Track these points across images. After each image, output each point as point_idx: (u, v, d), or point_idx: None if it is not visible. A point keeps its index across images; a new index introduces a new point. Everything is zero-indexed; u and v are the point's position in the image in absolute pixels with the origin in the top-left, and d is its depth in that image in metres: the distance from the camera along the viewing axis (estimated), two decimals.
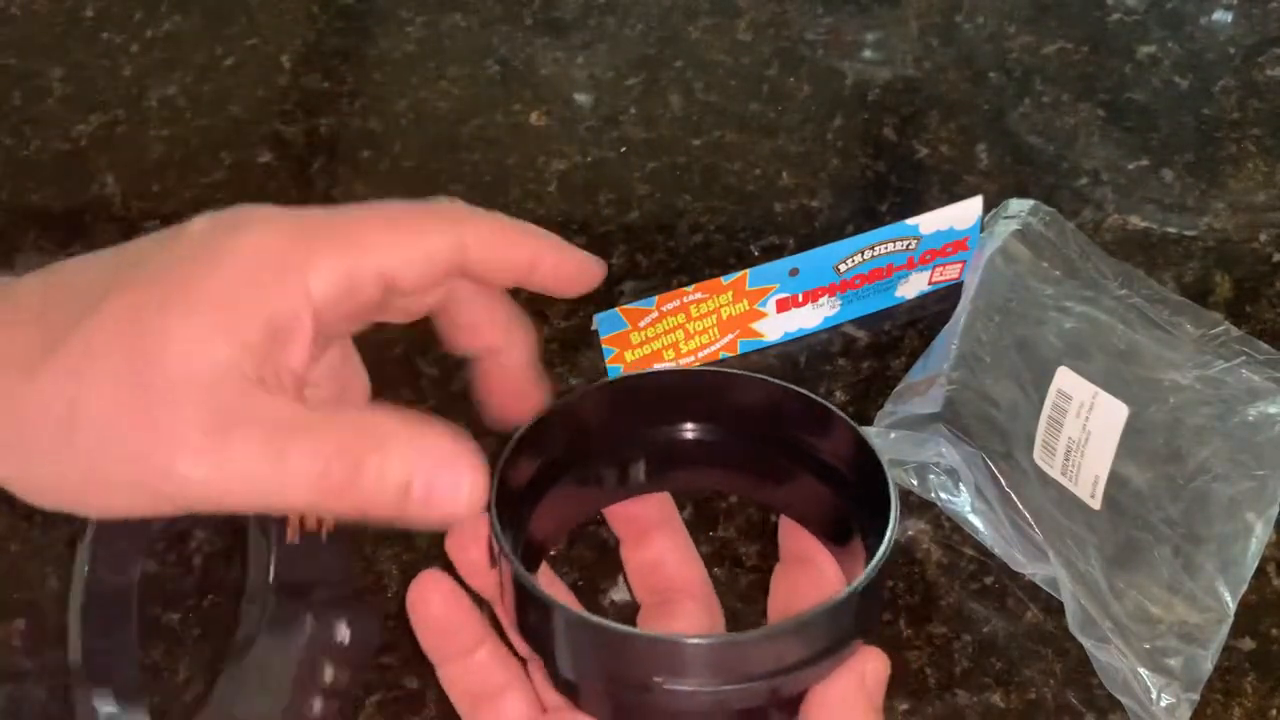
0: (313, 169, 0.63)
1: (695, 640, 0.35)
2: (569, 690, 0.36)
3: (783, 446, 0.42)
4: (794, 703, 0.36)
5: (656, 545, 0.42)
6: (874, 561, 0.36)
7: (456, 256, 0.36)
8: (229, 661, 0.37)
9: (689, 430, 0.42)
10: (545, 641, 0.35)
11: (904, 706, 0.45)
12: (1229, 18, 0.65)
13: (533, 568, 0.40)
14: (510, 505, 0.37)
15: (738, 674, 0.34)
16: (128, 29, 0.69)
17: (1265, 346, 0.48)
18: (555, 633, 0.35)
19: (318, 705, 0.36)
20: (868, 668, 0.36)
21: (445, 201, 0.38)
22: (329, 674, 0.35)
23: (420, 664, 0.46)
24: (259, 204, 0.36)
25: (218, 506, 0.33)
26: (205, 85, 0.66)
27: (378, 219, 0.36)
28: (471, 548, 0.37)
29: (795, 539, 0.42)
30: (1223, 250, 0.56)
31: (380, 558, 0.49)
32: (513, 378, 0.40)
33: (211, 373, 0.32)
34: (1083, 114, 0.62)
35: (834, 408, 0.40)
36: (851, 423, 0.40)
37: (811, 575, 0.41)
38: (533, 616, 0.35)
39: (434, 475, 0.32)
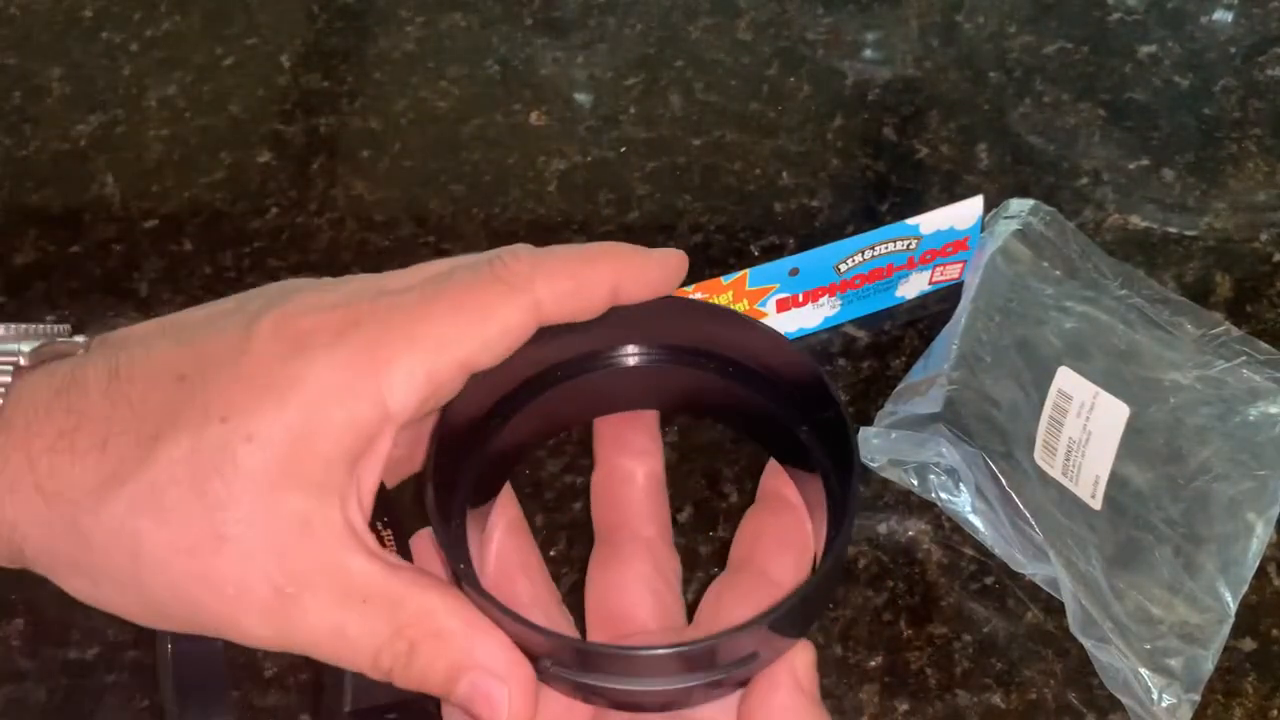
0: (312, 169, 0.63)
1: (590, 648, 0.36)
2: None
3: (738, 371, 0.41)
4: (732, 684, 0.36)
5: (623, 468, 0.42)
6: (818, 570, 0.36)
7: (533, 320, 0.35)
8: None
9: (634, 355, 0.42)
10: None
11: (904, 707, 0.45)
12: (1230, 17, 0.65)
13: (488, 496, 0.40)
14: (459, 443, 0.37)
15: (644, 678, 0.34)
16: (127, 29, 0.69)
17: (1266, 346, 0.48)
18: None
19: None
20: (798, 664, 0.36)
21: (510, 257, 0.35)
22: None
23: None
24: (321, 294, 0.34)
25: (279, 651, 0.33)
26: (205, 85, 0.66)
27: (443, 305, 0.34)
28: None
29: (772, 478, 0.42)
30: (1223, 250, 0.56)
31: None
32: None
33: (282, 526, 0.32)
34: (1083, 114, 0.62)
35: (803, 353, 0.40)
36: (808, 357, 0.40)
37: (782, 518, 0.41)
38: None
39: (479, 683, 0.33)
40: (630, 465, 0.42)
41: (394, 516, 0.37)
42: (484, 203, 0.61)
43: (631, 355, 0.42)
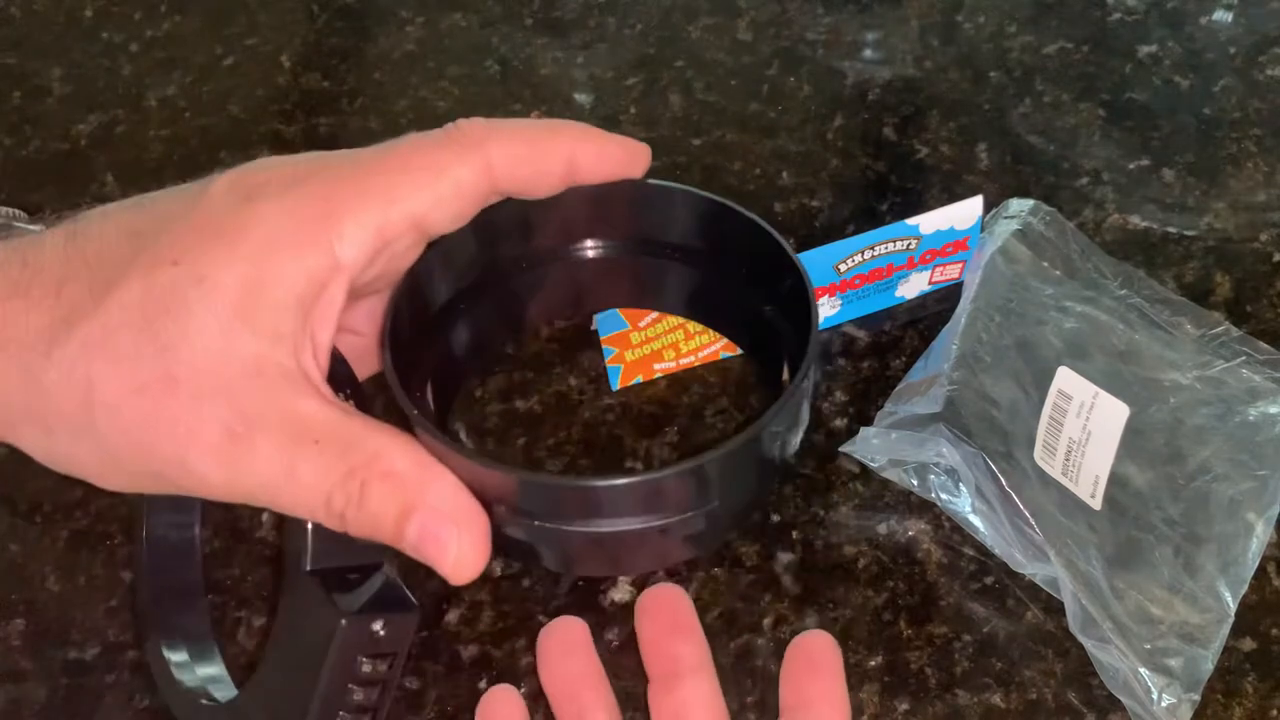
0: None
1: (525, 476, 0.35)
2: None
3: (698, 255, 0.41)
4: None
5: (685, 692, 0.42)
6: (772, 408, 0.35)
7: (484, 179, 0.35)
8: (268, 647, 0.37)
9: (600, 247, 0.41)
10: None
11: (904, 707, 0.45)
12: (1229, 17, 0.65)
13: (449, 398, 0.39)
14: (418, 331, 0.37)
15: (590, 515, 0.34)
16: (127, 29, 0.69)
17: (1265, 346, 0.48)
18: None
19: (357, 694, 0.36)
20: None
21: (465, 122, 0.36)
22: (366, 665, 0.35)
23: (420, 664, 0.46)
24: (281, 159, 0.35)
25: (233, 501, 0.33)
26: (205, 85, 0.66)
27: (395, 161, 0.34)
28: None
29: (793, 687, 0.42)
30: (1223, 250, 0.56)
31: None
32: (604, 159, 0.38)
33: (234, 368, 0.32)
34: (1083, 114, 0.62)
35: (753, 216, 0.39)
36: (774, 233, 0.39)
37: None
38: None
39: (429, 526, 0.32)
40: (689, 687, 0.43)
41: (357, 390, 0.36)
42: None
43: (590, 248, 0.41)
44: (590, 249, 0.41)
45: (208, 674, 0.43)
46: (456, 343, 0.39)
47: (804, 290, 0.37)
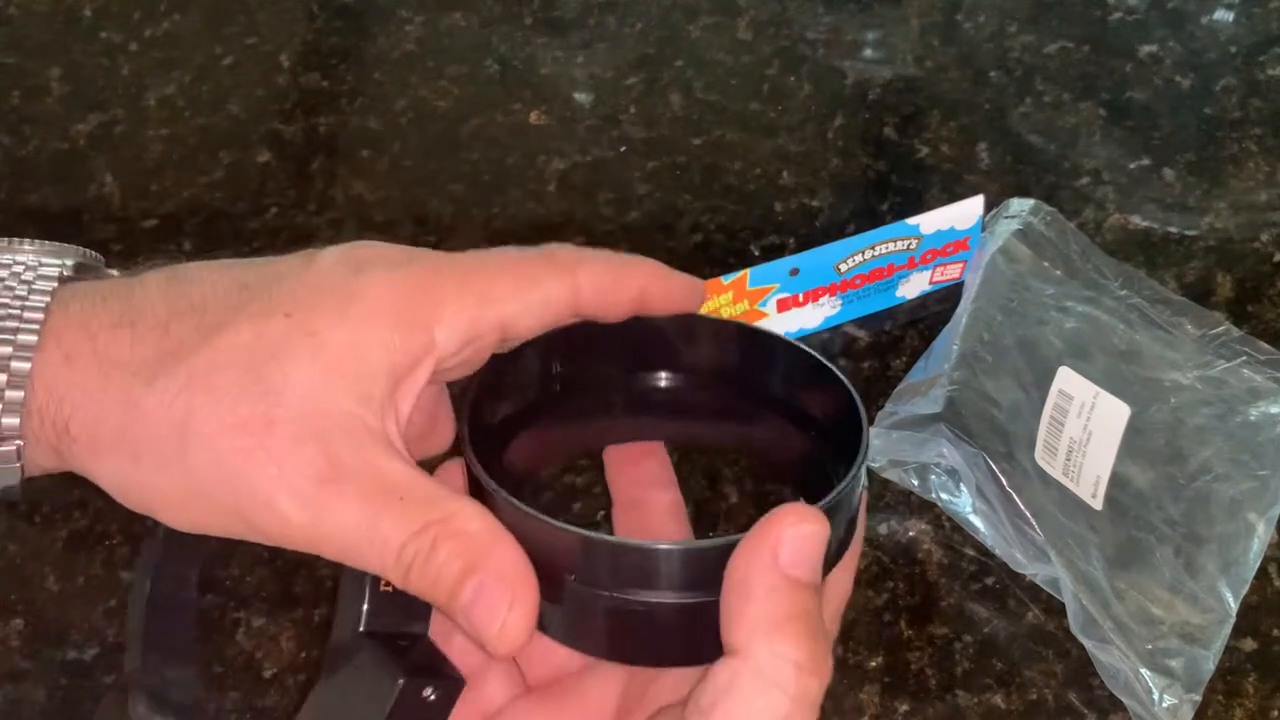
0: (312, 168, 0.63)
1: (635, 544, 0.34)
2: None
3: (757, 392, 0.41)
4: None
5: (650, 501, 0.42)
6: (840, 485, 0.34)
7: (571, 300, 0.37)
8: (311, 701, 0.38)
9: (663, 378, 0.42)
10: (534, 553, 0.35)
11: (905, 707, 0.45)
12: (1230, 17, 0.65)
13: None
14: (480, 430, 0.38)
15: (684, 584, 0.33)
16: (126, 28, 0.69)
17: (1266, 346, 0.47)
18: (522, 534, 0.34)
19: None
20: (784, 536, 0.33)
21: (557, 247, 0.38)
22: None
23: None
24: (385, 244, 0.37)
25: (305, 549, 0.34)
26: (204, 85, 0.66)
27: (496, 267, 0.36)
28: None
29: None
30: (1224, 250, 0.56)
31: None
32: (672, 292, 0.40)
33: (330, 420, 0.33)
34: (1084, 113, 0.62)
35: (815, 353, 0.39)
36: (829, 364, 0.39)
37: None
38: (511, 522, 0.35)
39: (486, 587, 0.33)
40: (652, 496, 0.43)
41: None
42: (484, 202, 0.61)
43: (658, 378, 0.43)
44: (662, 380, 0.42)
45: None
46: (518, 449, 0.40)
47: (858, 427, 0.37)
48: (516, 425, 0.41)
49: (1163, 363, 0.47)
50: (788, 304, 0.53)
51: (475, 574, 0.33)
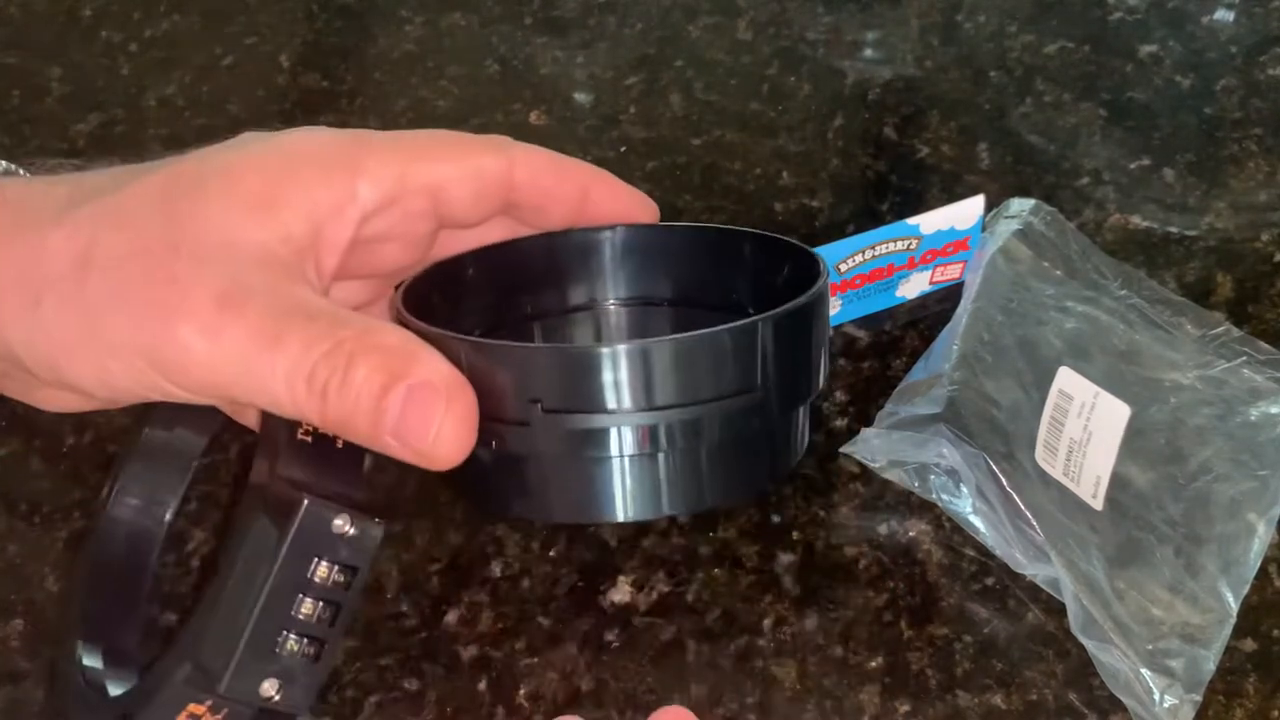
0: None
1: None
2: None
3: (719, 297, 0.40)
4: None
5: None
6: (795, 301, 0.33)
7: (505, 175, 0.36)
8: (220, 549, 0.35)
9: (610, 298, 0.41)
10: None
11: (905, 708, 0.45)
12: (1231, 17, 0.65)
13: None
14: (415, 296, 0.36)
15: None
16: (126, 28, 0.69)
17: (1266, 346, 0.47)
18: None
19: (305, 605, 0.32)
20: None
21: (496, 135, 0.37)
22: (322, 568, 0.32)
23: (420, 665, 0.46)
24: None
25: (212, 393, 0.31)
26: (204, 85, 0.66)
27: (427, 137, 0.36)
28: None
29: None
30: (1224, 250, 0.56)
31: (378, 558, 0.49)
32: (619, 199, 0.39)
33: (240, 250, 0.32)
34: (1084, 113, 0.62)
35: (756, 230, 0.38)
36: (786, 238, 0.38)
37: None
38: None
39: (414, 397, 0.30)
40: None
41: None
42: None
43: (603, 298, 0.41)
44: (612, 304, 0.41)
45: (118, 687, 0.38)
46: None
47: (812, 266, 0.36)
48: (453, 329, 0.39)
49: (1163, 363, 0.47)
50: None
51: (398, 384, 0.30)
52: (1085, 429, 0.46)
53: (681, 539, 0.49)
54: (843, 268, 0.53)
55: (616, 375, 0.31)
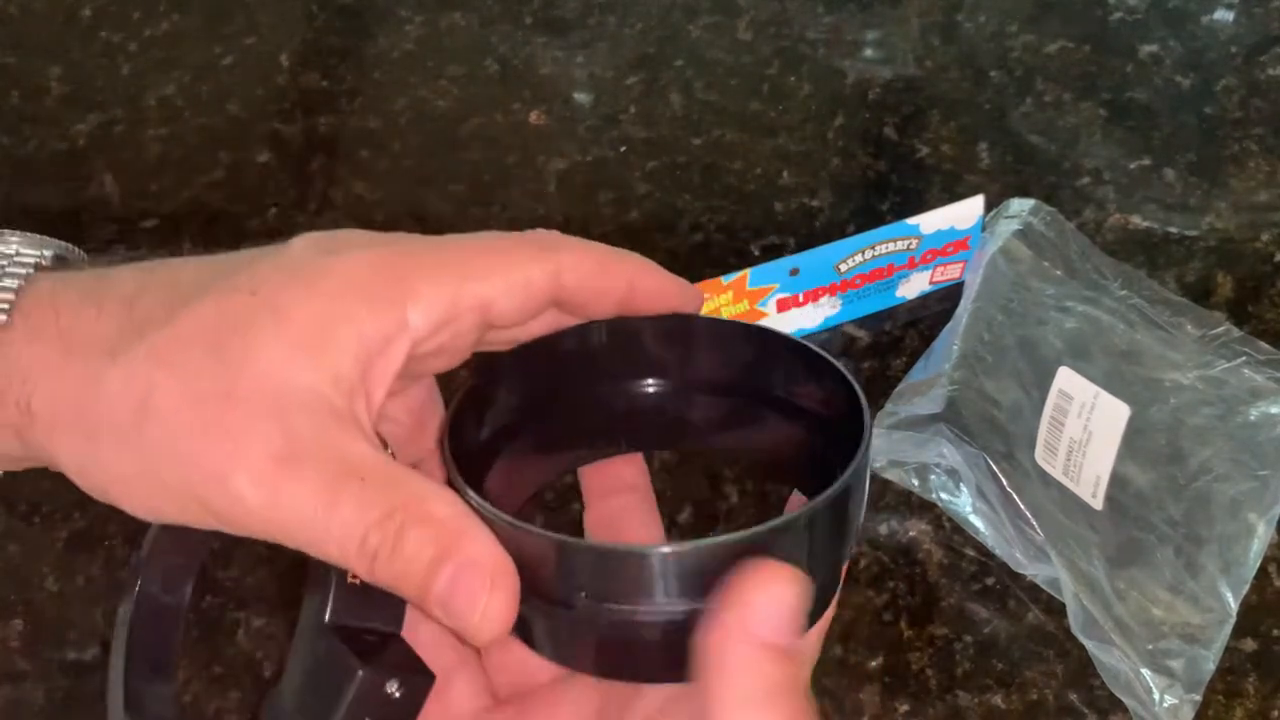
0: (311, 168, 0.63)
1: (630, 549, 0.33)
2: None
3: (756, 393, 0.40)
4: None
5: (617, 504, 0.41)
6: (837, 483, 0.32)
7: (553, 283, 0.36)
8: (272, 695, 0.36)
9: (655, 385, 0.40)
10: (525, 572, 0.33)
11: (905, 708, 0.45)
12: (1231, 17, 0.65)
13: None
14: (464, 465, 0.36)
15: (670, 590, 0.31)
16: (126, 28, 0.69)
17: (1266, 346, 0.47)
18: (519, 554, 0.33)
19: None
20: (756, 602, 0.30)
21: (541, 231, 0.37)
22: None
23: None
24: (364, 231, 0.36)
25: (263, 536, 0.33)
26: (203, 84, 0.66)
27: (475, 247, 0.35)
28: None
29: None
30: (1224, 250, 0.56)
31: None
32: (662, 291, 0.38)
33: (292, 398, 0.32)
34: (1084, 113, 0.62)
35: (815, 347, 0.38)
36: (830, 359, 0.38)
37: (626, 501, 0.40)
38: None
39: (461, 576, 0.31)
40: (624, 500, 0.42)
41: None
42: (484, 202, 0.61)
43: (649, 385, 0.41)
44: (650, 386, 0.41)
45: None
46: (507, 462, 0.39)
47: (858, 408, 0.36)
48: (502, 440, 0.39)
49: (1163, 363, 0.47)
50: (788, 304, 0.53)
51: (447, 561, 0.31)
52: (1085, 429, 0.46)
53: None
54: (843, 268, 0.53)
55: (665, 576, 0.32)
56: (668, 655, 0.32)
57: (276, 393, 0.32)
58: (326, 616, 0.34)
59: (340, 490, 0.31)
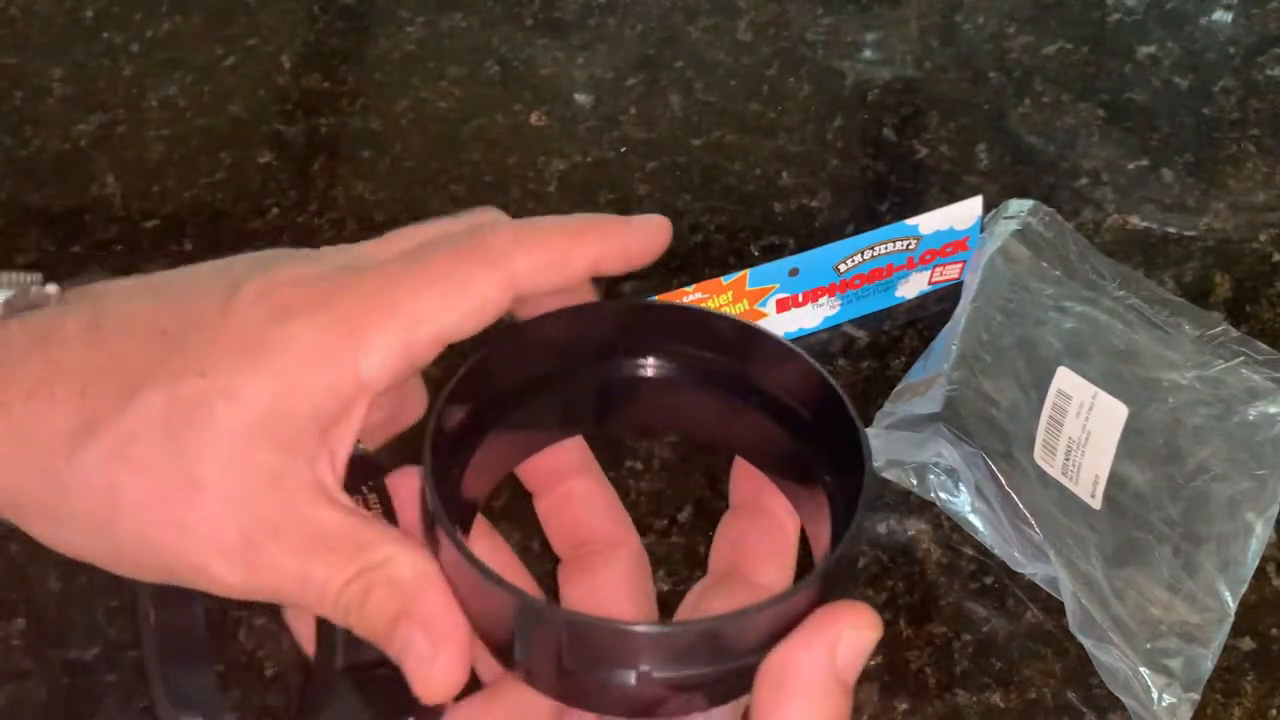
0: (313, 169, 0.63)
1: (645, 629, 0.32)
2: (517, 671, 0.34)
3: (739, 384, 0.40)
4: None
5: (570, 490, 0.41)
6: (841, 542, 0.33)
7: (509, 294, 0.36)
8: None
9: (640, 366, 0.41)
10: (492, 626, 0.34)
11: (904, 706, 0.45)
12: (1229, 18, 0.65)
13: (467, 518, 0.39)
14: (445, 450, 0.36)
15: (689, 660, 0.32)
16: (128, 29, 0.69)
17: (1264, 346, 0.48)
18: (501, 618, 0.33)
19: None
20: (843, 636, 0.32)
21: (487, 216, 0.37)
22: None
23: None
24: (307, 262, 0.35)
25: (250, 600, 0.34)
26: (205, 85, 0.66)
27: (421, 277, 0.35)
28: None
29: (748, 483, 0.40)
30: (1222, 250, 0.56)
31: None
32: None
33: (255, 479, 0.33)
34: (1083, 114, 0.62)
35: (797, 348, 0.38)
36: (814, 362, 0.38)
37: (762, 524, 0.40)
38: (471, 596, 0.34)
39: (413, 637, 0.33)
40: (575, 484, 0.41)
41: (379, 484, 0.37)
42: (484, 202, 0.61)
43: (640, 366, 0.41)
44: (639, 368, 0.41)
45: None
46: (476, 470, 0.39)
47: (859, 448, 0.36)
48: (486, 423, 0.39)
49: (1161, 363, 0.47)
50: (787, 304, 0.53)
51: (403, 622, 0.33)
52: (1084, 428, 0.46)
53: (681, 539, 0.49)
54: (842, 268, 0.53)
55: (650, 652, 0.32)
56: (644, 705, 0.33)
57: (238, 478, 0.33)
58: (339, 660, 0.36)
59: (311, 559, 0.33)
